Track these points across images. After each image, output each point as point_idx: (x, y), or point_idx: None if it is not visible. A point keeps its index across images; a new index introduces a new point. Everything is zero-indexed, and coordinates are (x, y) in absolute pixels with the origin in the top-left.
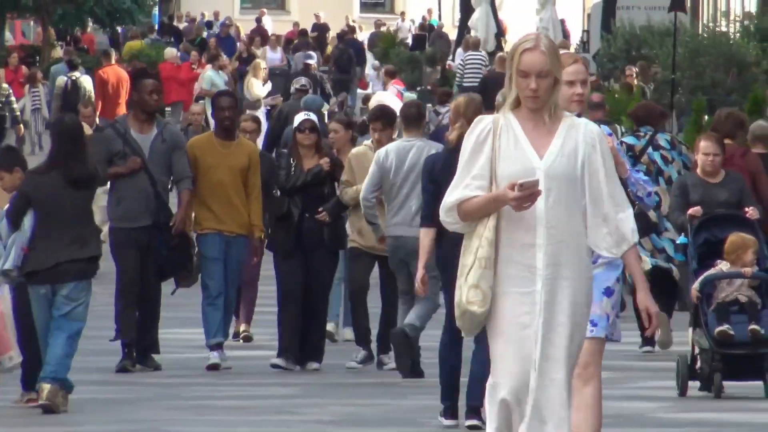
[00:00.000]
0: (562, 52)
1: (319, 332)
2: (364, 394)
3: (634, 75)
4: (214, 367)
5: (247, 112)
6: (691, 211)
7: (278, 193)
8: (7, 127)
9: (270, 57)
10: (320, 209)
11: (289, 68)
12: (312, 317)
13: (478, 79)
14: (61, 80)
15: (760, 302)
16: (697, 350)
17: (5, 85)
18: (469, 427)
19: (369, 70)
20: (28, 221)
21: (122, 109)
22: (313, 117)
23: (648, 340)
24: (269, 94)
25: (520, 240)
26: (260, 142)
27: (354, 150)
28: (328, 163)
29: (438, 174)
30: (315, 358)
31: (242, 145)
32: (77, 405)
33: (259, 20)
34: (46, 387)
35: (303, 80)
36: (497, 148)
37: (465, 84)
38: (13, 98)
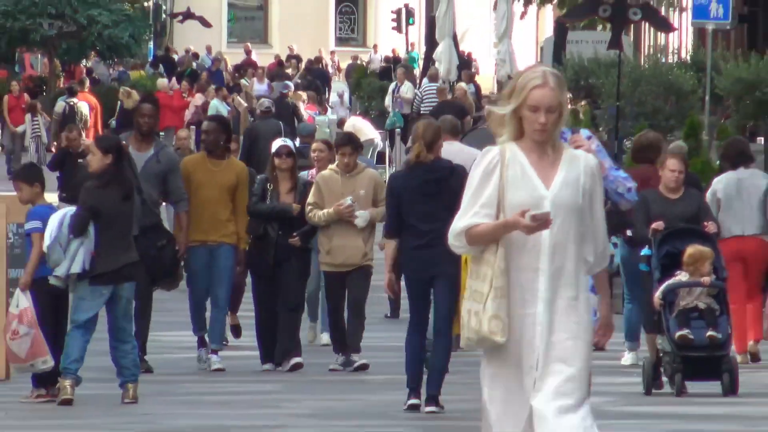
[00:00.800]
0: (530, 73)
1: (292, 331)
2: (338, 390)
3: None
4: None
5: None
6: (654, 225)
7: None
8: None
9: (257, 88)
10: (294, 234)
11: None
12: (288, 324)
13: (431, 107)
14: (60, 105)
15: (717, 309)
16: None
17: None
18: (429, 412)
19: (333, 97)
20: (91, 230)
21: (91, 132)
22: (290, 143)
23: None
24: None
25: (525, 265)
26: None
27: (321, 173)
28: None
29: (398, 190)
30: (294, 352)
31: (232, 164)
32: (81, 400)
33: (248, 53)
34: (131, 386)
35: (266, 102)
36: (505, 178)
37: (421, 110)
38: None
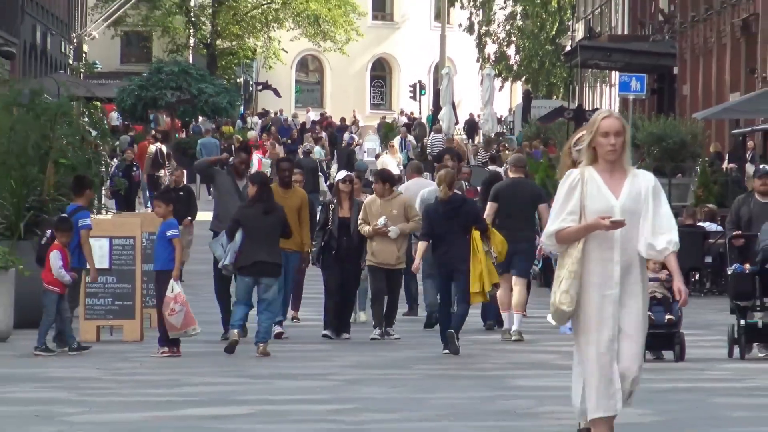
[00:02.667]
0: (604, 111)
1: (348, 314)
2: (373, 350)
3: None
4: (278, 335)
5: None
6: None
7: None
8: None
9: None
10: (361, 263)
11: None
12: (344, 305)
13: (437, 151)
14: (152, 148)
15: (670, 297)
16: None
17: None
18: (450, 335)
19: (369, 144)
20: (238, 236)
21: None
22: (351, 174)
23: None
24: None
25: (603, 257)
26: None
27: (367, 198)
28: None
29: (431, 215)
30: (346, 330)
31: (296, 191)
32: (192, 354)
33: (322, 115)
34: (261, 345)
35: (308, 145)
36: (585, 193)
37: (430, 153)
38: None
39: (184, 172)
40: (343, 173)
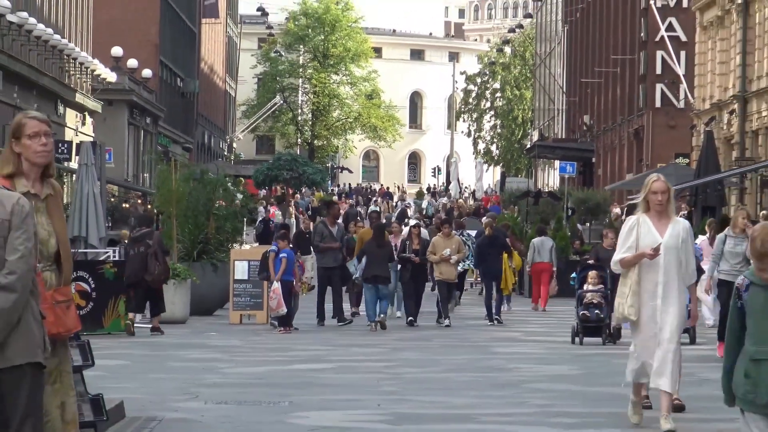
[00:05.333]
0: (654, 176)
1: (418, 307)
2: (410, 330)
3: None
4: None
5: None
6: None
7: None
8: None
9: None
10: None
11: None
12: (417, 302)
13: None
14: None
15: (603, 302)
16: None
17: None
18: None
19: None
20: (365, 259)
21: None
22: (419, 222)
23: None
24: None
25: (651, 279)
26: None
27: (435, 237)
28: (416, 259)
29: (481, 247)
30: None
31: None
32: (302, 333)
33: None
34: (382, 316)
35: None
36: (639, 233)
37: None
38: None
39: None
40: (414, 221)
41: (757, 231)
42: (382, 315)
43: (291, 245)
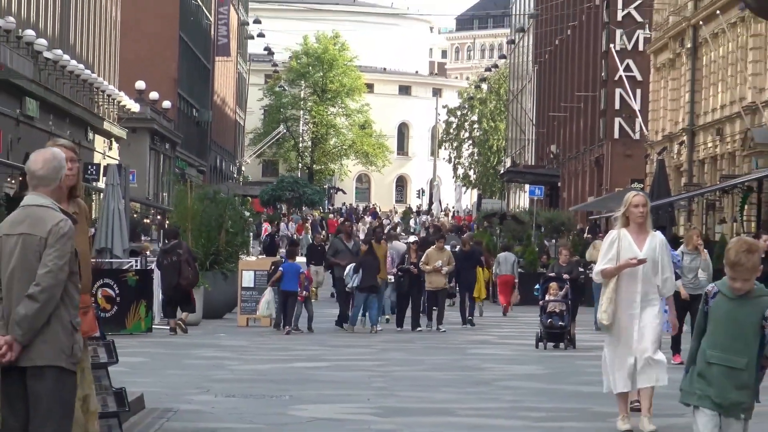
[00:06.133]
0: (633, 192)
1: (417, 313)
2: (398, 334)
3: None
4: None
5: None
6: (552, 275)
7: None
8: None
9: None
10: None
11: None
12: (415, 307)
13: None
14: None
15: (565, 311)
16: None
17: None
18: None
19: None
20: (361, 272)
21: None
22: (416, 238)
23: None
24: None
25: (630, 289)
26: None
27: (429, 250)
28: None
29: (458, 260)
30: (417, 324)
31: (383, 246)
32: (319, 334)
33: (375, 208)
34: (373, 326)
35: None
36: (619, 246)
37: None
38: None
39: (323, 235)
40: (413, 237)
41: (732, 243)
42: (373, 325)
43: (305, 256)
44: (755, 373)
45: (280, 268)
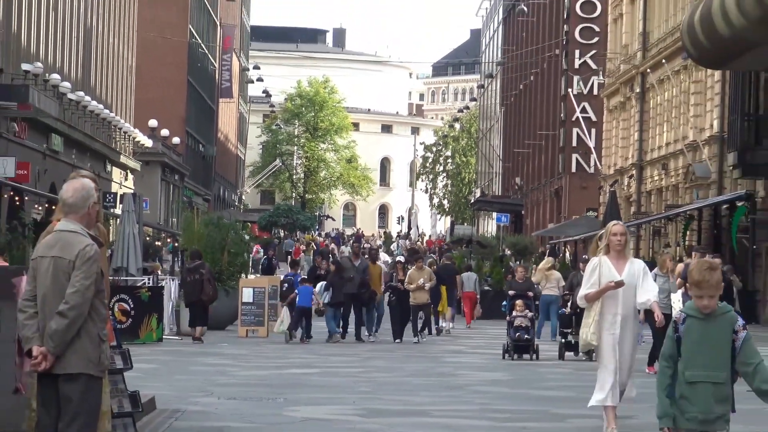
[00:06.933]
0: (613, 222)
1: (403, 326)
2: (380, 344)
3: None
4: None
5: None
6: (511, 293)
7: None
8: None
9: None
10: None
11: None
12: (402, 320)
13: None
14: (289, 245)
15: (530, 325)
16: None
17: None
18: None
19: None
20: (329, 291)
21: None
22: (401, 259)
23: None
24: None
25: (611, 310)
26: None
27: (411, 269)
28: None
29: (439, 274)
30: (399, 336)
31: (377, 266)
32: (315, 343)
33: (360, 232)
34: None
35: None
36: (600, 272)
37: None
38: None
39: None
40: (401, 258)
41: (693, 264)
42: (370, 335)
43: (306, 276)
44: (731, 385)
45: (296, 290)
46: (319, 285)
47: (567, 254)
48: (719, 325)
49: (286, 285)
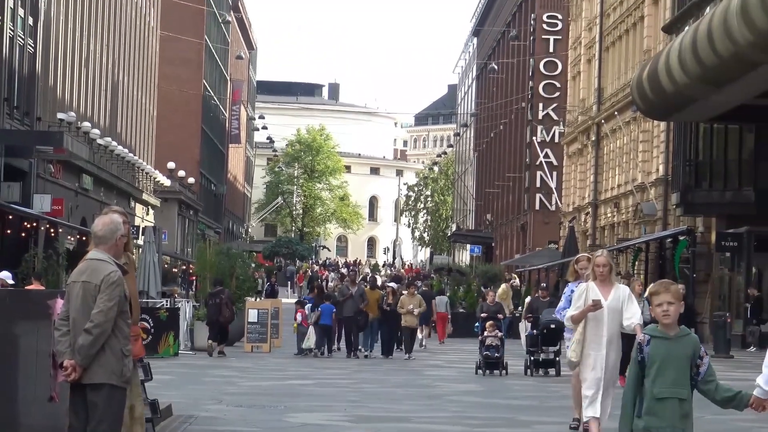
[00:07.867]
0: (598, 252)
1: (392, 345)
2: (369, 360)
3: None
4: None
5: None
6: (482, 315)
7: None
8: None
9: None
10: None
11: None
12: (389, 340)
13: (394, 279)
14: (290, 271)
15: (500, 345)
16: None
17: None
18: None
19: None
20: (317, 310)
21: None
22: (393, 285)
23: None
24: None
25: (597, 332)
26: None
27: (403, 295)
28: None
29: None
30: (390, 353)
31: (376, 291)
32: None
33: (357, 261)
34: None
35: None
36: (587, 296)
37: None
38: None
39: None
40: (393, 284)
41: (650, 286)
42: (364, 350)
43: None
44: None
45: (319, 309)
46: (306, 307)
47: (518, 282)
48: (682, 345)
49: (309, 305)
